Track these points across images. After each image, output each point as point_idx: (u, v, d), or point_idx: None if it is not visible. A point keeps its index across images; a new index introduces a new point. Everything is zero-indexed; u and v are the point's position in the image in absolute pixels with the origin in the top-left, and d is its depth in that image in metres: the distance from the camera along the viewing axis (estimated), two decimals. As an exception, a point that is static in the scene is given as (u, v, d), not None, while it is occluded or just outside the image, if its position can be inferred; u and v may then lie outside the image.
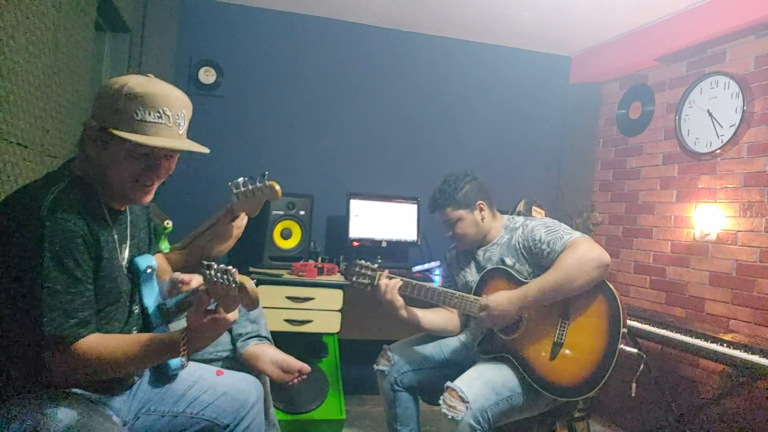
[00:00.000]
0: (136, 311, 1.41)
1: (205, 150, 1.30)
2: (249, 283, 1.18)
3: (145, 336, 1.25)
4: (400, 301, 2.05)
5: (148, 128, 1.21)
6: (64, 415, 1.16)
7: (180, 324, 1.32)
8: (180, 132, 1.28)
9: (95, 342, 1.18)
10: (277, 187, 1.60)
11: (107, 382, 1.32)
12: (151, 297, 1.44)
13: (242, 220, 1.70)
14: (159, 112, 1.22)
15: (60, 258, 1.13)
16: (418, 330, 2.21)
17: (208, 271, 1.18)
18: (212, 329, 1.23)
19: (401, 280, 2.05)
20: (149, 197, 1.32)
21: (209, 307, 1.22)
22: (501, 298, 1.93)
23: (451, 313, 2.23)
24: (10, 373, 1.19)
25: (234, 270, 1.17)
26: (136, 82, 1.22)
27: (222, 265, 1.18)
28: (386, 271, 2.08)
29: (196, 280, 1.53)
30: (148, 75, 1.27)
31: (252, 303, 1.20)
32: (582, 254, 1.85)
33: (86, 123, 1.25)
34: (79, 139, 1.29)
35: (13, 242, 1.13)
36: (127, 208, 1.40)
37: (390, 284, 2.03)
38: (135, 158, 1.24)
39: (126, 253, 1.37)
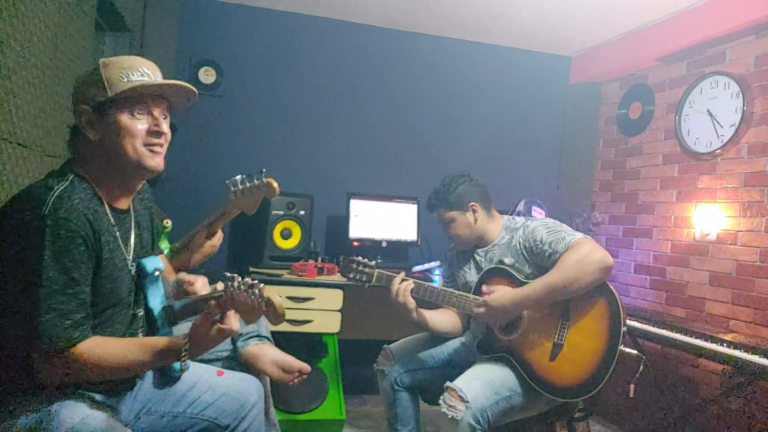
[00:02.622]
0: (140, 314, 1.41)
1: (193, 89, 1.34)
2: (276, 298, 1.18)
3: (145, 340, 1.25)
4: (412, 303, 2.04)
5: (135, 85, 1.25)
6: (70, 412, 1.16)
7: (184, 326, 1.32)
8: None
9: (95, 346, 1.18)
10: (275, 184, 1.59)
11: (110, 383, 1.32)
12: (156, 299, 1.43)
13: (218, 239, 1.69)
14: (140, 71, 1.27)
15: (60, 258, 1.13)
16: (427, 331, 2.21)
17: (231, 284, 1.18)
18: (215, 338, 1.24)
19: (414, 282, 2.05)
20: (161, 160, 1.32)
21: (215, 317, 1.23)
22: (501, 296, 1.93)
23: (457, 314, 2.24)
24: (12, 370, 1.19)
25: (261, 285, 1.17)
26: (106, 58, 1.27)
27: (247, 279, 1.18)
28: (402, 273, 2.09)
29: (201, 281, 1.53)
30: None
31: (278, 318, 1.20)
32: (584, 255, 1.84)
33: (77, 114, 1.27)
34: (69, 139, 1.30)
35: (14, 241, 1.13)
36: (130, 208, 1.39)
37: (402, 287, 2.03)
38: (138, 119, 1.27)
39: (130, 254, 1.37)
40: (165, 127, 1.32)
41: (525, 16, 3.19)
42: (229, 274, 1.19)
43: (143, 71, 1.27)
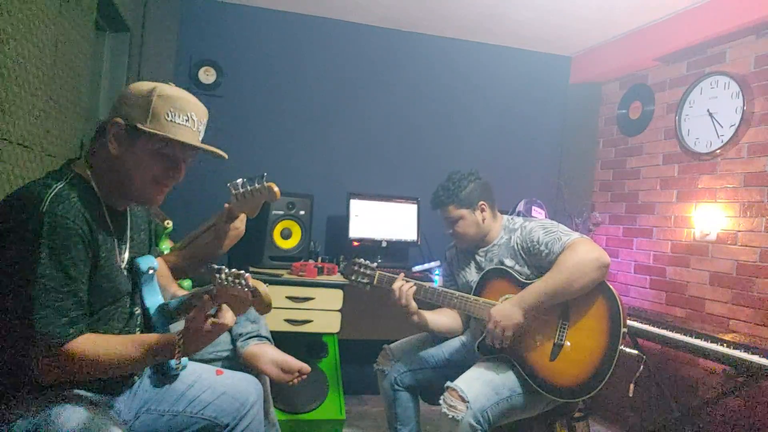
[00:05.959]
0: (137, 312, 1.41)
1: (224, 155, 1.37)
2: (262, 287, 1.18)
3: (139, 336, 1.25)
4: (414, 306, 2.04)
5: (176, 129, 1.27)
6: (69, 416, 1.16)
7: (181, 325, 1.32)
8: (200, 138, 1.34)
9: (88, 342, 1.18)
10: (276, 189, 1.60)
11: (109, 382, 1.32)
12: (152, 298, 1.44)
13: (241, 222, 1.70)
14: (187, 116, 1.28)
15: (57, 255, 1.13)
16: (427, 332, 2.20)
17: (218, 275, 1.18)
18: (211, 333, 1.23)
19: (415, 284, 2.05)
20: (163, 197, 1.35)
21: (210, 312, 1.23)
22: (505, 309, 1.90)
23: (456, 314, 2.23)
24: (10, 372, 1.18)
25: (247, 275, 1.17)
26: (165, 86, 1.28)
27: (234, 270, 1.18)
28: (402, 274, 2.08)
29: None
30: (170, 83, 1.32)
31: (265, 307, 1.20)
32: (581, 255, 1.84)
33: (111, 121, 1.26)
34: (93, 138, 1.31)
35: (11, 238, 1.13)
36: (127, 210, 1.40)
37: (405, 290, 2.03)
38: (159, 158, 1.28)
39: (126, 255, 1.37)
40: (182, 169, 1.34)
41: (525, 16, 3.19)
42: (216, 266, 1.19)
43: (190, 116, 1.29)
